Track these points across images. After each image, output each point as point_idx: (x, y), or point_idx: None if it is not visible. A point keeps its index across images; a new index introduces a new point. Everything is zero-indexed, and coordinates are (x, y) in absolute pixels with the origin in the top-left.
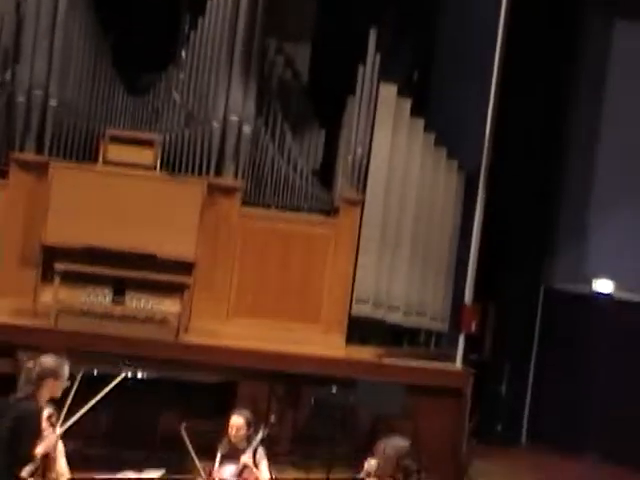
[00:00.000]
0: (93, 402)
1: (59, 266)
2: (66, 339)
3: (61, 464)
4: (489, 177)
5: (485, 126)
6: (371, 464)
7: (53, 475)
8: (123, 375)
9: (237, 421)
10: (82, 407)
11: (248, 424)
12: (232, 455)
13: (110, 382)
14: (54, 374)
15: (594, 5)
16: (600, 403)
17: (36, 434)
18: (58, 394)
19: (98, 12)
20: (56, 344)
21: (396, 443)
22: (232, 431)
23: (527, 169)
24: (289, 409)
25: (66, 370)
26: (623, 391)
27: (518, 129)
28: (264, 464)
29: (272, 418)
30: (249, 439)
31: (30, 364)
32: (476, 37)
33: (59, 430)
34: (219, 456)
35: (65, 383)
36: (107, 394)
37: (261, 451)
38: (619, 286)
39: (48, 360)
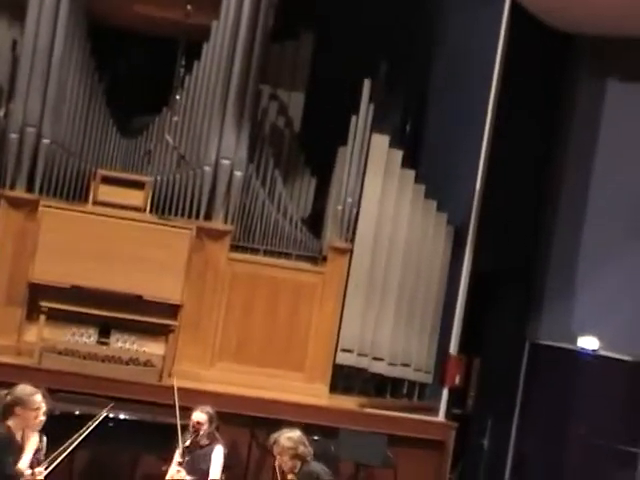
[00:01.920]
0: (76, 441)
1: (45, 304)
2: (49, 378)
3: None
4: (478, 231)
5: (475, 181)
6: None
7: None
8: (104, 414)
9: (200, 417)
10: (63, 446)
11: (210, 420)
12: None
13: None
14: (22, 403)
15: (586, 65)
16: (582, 459)
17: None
18: (31, 425)
19: (94, 53)
20: (39, 383)
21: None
22: (195, 425)
23: (515, 226)
24: (270, 455)
25: (37, 401)
26: (606, 448)
27: (508, 186)
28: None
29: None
30: (210, 436)
31: (3, 393)
32: (469, 92)
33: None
34: (179, 452)
35: (38, 414)
36: (88, 433)
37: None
38: (604, 343)
39: (20, 389)
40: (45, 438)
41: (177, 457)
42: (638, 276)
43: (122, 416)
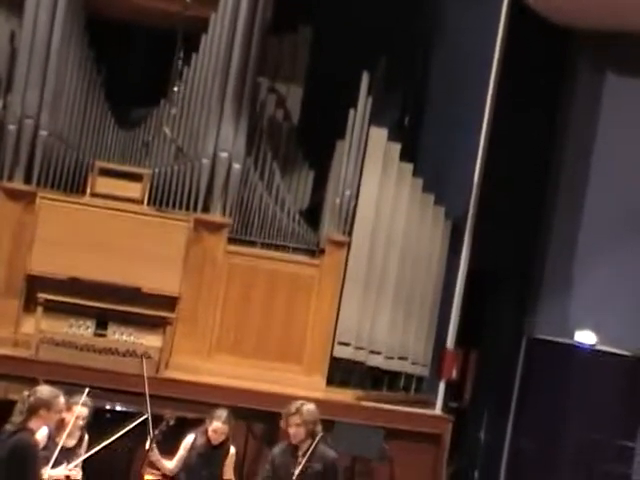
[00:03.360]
0: (113, 438)
1: (42, 296)
2: (46, 370)
3: None
4: (475, 225)
5: (473, 175)
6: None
7: None
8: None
9: (222, 428)
10: None
11: (230, 427)
12: None
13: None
14: (47, 405)
15: (585, 56)
16: (579, 453)
17: (35, 463)
18: (52, 426)
19: (92, 45)
20: (36, 374)
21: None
22: (214, 435)
23: (513, 220)
24: (266, 448)
25: (61, 403)
26: (602, 442)
27: (506, 180)
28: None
29: (169, 413)
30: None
31: (26, 394)
32: (468, 86)
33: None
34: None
35: (59, 417)
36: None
37: None
38: (601, 338)
39: (43, 391)
40: (87, 436)
41: (147, 445)
42: (635, 270)
43: (118, 408)
